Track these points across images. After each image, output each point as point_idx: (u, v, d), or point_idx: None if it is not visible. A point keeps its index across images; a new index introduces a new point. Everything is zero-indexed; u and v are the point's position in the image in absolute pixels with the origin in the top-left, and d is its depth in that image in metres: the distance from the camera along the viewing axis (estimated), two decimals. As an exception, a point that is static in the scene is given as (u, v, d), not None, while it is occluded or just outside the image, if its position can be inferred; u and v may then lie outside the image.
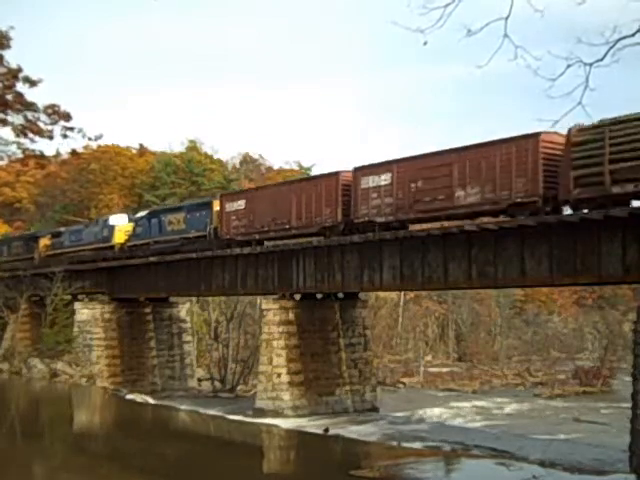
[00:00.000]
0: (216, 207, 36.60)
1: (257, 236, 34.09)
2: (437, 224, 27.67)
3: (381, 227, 28.15)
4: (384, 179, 27.88)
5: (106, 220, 46.93)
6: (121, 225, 45.08)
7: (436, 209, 26.35)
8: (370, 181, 28.38)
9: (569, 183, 22.10)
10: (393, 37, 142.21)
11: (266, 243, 34.82)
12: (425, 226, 28.35)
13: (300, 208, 31.31)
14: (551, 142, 23.07)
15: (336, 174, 30.19)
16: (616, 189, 21.12)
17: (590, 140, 21.61)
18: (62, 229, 54.44)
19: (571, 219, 22.90)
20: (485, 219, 27.01)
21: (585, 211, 22.68)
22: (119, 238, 44.60)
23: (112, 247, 44.87)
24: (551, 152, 23.06)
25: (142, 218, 43.67)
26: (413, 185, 26.83)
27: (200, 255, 38.19)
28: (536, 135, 23.08)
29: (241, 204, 34.91)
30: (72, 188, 78.95)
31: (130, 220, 45.13)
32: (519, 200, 23.78)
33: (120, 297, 44.56)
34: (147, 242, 41.84)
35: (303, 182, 33.82)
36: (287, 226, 32.14)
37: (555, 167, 22.84)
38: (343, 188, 29.66)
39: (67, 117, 19.76)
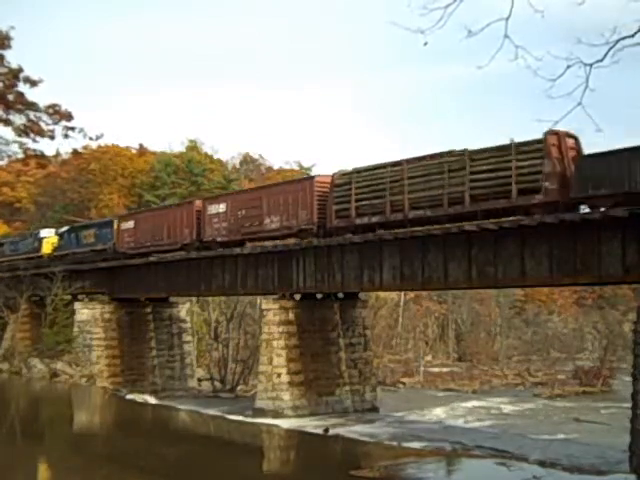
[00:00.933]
0: (116, 226, 43.96)
1: (141, 250, 41.48)
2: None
3: (221, 245, 35.45)
4: (222, 208, 35.25)
5: (37, 233, 53.33)
6: (48, 238, 51.13)
7: (253, 232, 33.81)
8: (213, 209, 35.81)
9: (332, 214, 29.26)
10: (393, 37, 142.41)
11: (267, 243, 35.13)
12: (252, 244, 35.53)
13: (169, 229, 39.02)
14: (323, 183, 30.09)
15: (190, 203, 38.83)
16: (358, 220, 28.47)
17: (344, 183, 28.91)
18: (3, 240, 60.93)
19: (571, 219, 22.91)
20: (490, 220, 27.03)
21: (585, 211, 22.71)
22: (46, 249, 50.69)
23: (41, 256, 51.02)
24: (323, 190, 30.01)
25: (65, 232, 50.03)
26: (239, 213, 34.23)
27: (200, 255, 38.18)
28: (312, 178, 31.83)
29: (131, 224, 42.73)
30: (72, 188, 78.92)
31: (56, 234, 51.08)
32: (303, 227, 30.73)
33: (120, 297, 44.57)
34: (67, 253, 48.33)
35: (170, 209, 42.60)
36: (160, 242, 39.85)
37: (325, 202, 29.77)
38: (196, 214, 36.95)
39: (68, 117, 19.75)
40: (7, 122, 19.32)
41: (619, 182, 21.10)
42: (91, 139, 22.76)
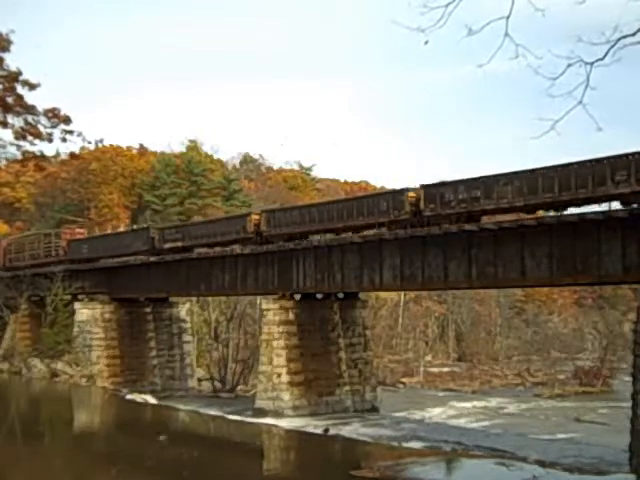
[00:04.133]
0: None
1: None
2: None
3: None
4: None
5: None
6: None
7: None
8: None
9: None
10: (394, 38, 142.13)
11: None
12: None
13: None
14: None
15: None
16: None
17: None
18: None
19: (571, 219, 22.90)
20: (485, 219, 27.05)
21: (585, 211, 22.69)
22: None
23: None
24: None
25: None
26: None
27: (200, 255, 38.19)
28: None
29: None
30: (72, 188, 78.80)
31: None
32: None
33: (120, 297, 44.54)
34: None
35: None
36: None
37: None
38: None
39: (67, 120, 19.67)
40: (6, 125, 19.26)
41: None
42: (89, 143, 22.70)
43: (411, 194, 28.23)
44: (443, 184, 27.35)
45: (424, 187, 27.87)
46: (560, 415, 37.20)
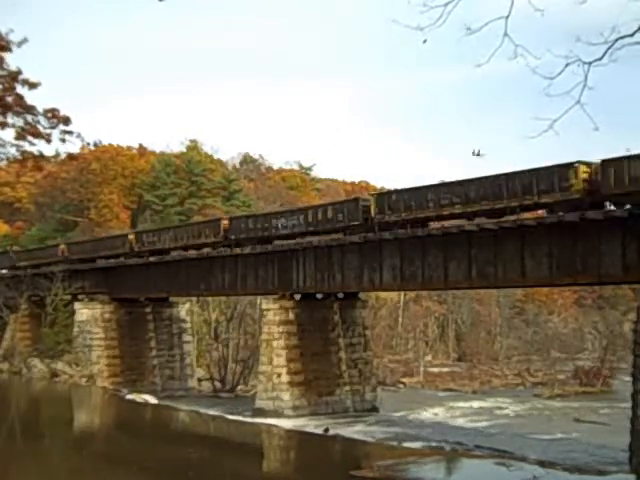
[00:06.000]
0: None
1: None
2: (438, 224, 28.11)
3: None
4: None
5: None
6: None
7: None
8: None
9: None
10: (394, 38, 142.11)
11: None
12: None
13: None
14: None
15: None
16: None
17: None
18: None
19: (571, 219, 22.89)
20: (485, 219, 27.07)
21: (585, 211, 22.67)
22: None
23: None
24: None
25: None
26: None
27: (200, 255, 38.18)
28: None
29: None
30: (72, 188, 78.76)
31: None
32: None
33: (120, 297, 44.53)
34: None
35: None
36: None
37: None
38: None
39: (66, 121, 19.63)
40: (5, 125, 19.25)
41: None
42: (88, 144, 22.67)
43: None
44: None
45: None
46: (560, 415, 37.20)
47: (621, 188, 22.17)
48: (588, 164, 23.39)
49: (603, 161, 22.81)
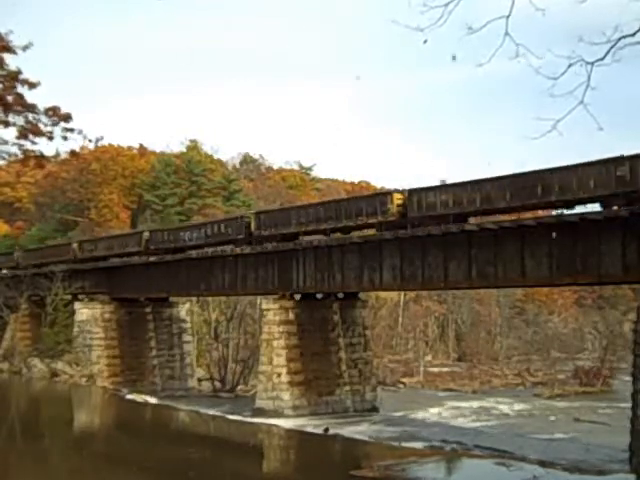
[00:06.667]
0: None
1: None
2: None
3: None
4: None
5: None
6: None
7: None
8: None
9: None
10: (394, 37, 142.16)
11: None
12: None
13: None
14: None
15: None
16: None
17: None
18: None
19: (571, 219, 22.89)
20: (485, 218, 27.08)
21: (585, 210, 22.69)
22: None
23: None
24: None
25: None
26: None
27: (200, 255, 38.18)
28: None
29: None
30: (72, 188, 78.71)
31: None
32: None
33: (120, 297, 44.53)
34: None
35: None
36: None
37: None
38: None
39: (67, 118, 19.68)
40: (7, 124, 19.26)
41: None
42: (90, 141, 22.71)
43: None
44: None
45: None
46: (560, 415, 37.19)
47: (420, 212, 27.79)
48: (402, 192, 28.71)
49: (409, 191, 28.41)
